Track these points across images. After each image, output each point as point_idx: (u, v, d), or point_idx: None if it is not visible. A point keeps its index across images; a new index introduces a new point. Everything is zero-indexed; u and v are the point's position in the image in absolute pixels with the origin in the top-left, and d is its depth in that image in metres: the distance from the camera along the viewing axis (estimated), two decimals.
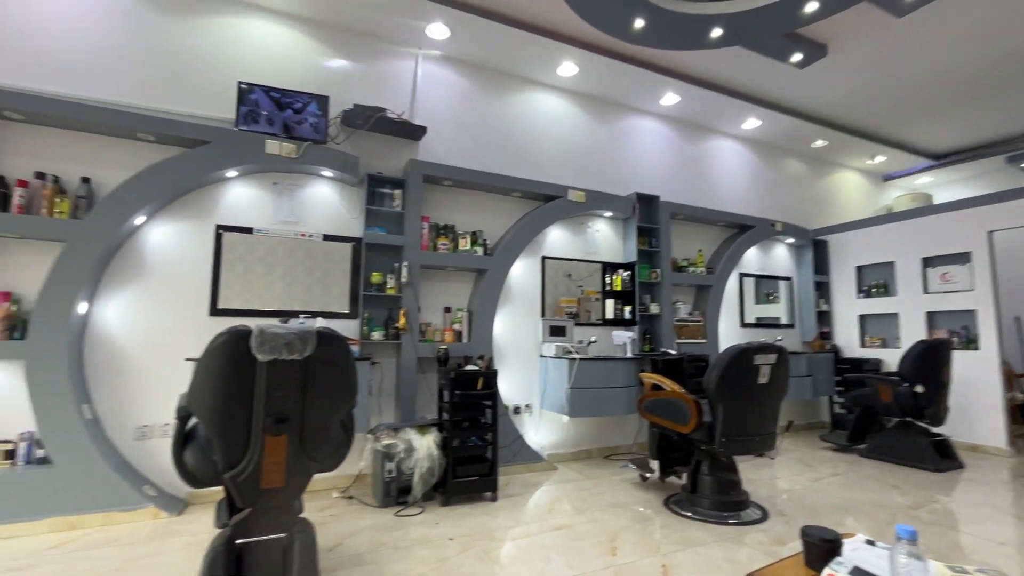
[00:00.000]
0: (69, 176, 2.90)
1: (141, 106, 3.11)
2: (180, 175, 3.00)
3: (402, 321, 3.49)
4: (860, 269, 5.58)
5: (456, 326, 3.82)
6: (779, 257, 5.79)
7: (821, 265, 5.82)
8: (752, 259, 5.53)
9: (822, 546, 1.33)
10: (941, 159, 6.51)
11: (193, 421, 1.91)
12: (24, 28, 2.93)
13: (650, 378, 3.30)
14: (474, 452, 3.19)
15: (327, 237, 3.52)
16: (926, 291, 4.93)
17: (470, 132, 4.19)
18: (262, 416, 1.65)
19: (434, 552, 2.37)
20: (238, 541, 1.77)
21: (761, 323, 5.50)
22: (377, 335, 3.49)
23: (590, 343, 4.16)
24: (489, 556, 2.34)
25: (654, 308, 4.56)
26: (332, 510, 2.93)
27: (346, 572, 2.17)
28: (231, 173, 3.24)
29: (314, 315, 3.39)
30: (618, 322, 4.53)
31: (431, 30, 3.77)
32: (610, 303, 4.53)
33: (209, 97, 3.31)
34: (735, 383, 2.77)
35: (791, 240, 5.74)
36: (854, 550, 1.32)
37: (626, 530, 2.65)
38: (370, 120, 3.55)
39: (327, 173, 3.50)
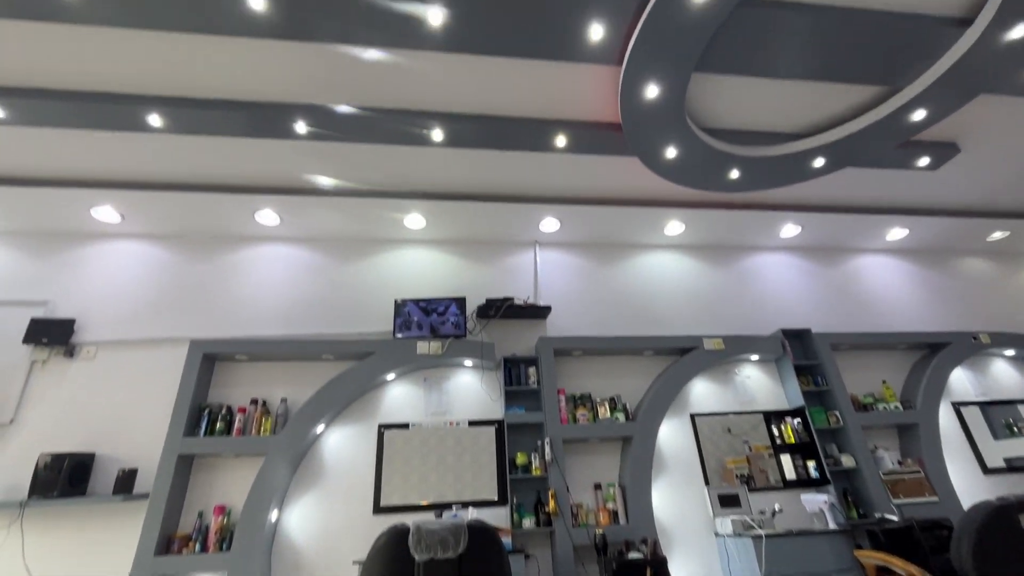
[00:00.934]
0: (272, 398, 3.57)
1: (324, 334, 3.88)
2: (351, 385, 3.52)
3: (552, 504, 3.30)
4: None
5: (610, 504, 3.49)
6: (1003, 375, 4.60)
7: None
8: (963, 383, 4.47)
9: None
10: None
11: None
12: (249, 295, 3.99)
13: (872, 557, 2.57)
14: None
15: (472, 423, 3.69)
16: None
17: (591, 302, 4.40)
18: None
19: None
20: None
21: (1015, 466, 4.15)
22: (528, 522, 3.31)
23: (775, 513, 3.45)
24: None
25: (847, 461, 3.75)
26: None
27: None
28: (390, 376, 3.73)
29: (465, 505, 3.37)
30: (804, 483, 3.76)
31: (543, 225, 4.33)
32: (786, 459, 3.84)
33: (373, 316, 4.02)
34: (1004, 557, 2.03)
35: (1011, 352, 4.60)
36: None
37: None
38: (500, 310, 3.95)
39: (468, 362, 3.84)
